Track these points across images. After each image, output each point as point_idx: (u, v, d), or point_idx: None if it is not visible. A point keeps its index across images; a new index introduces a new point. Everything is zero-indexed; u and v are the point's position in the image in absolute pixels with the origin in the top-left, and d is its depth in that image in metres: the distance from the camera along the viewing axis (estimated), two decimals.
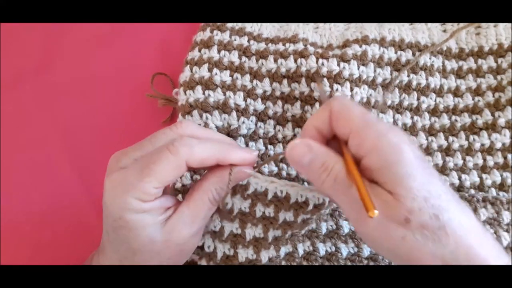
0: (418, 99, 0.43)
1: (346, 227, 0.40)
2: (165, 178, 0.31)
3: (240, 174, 0.34)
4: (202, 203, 0.34)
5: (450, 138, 0.43)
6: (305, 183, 0.42)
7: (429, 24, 0.46)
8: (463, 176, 0.41)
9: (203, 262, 0.39)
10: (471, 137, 0.42)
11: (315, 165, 0.30)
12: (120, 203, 0.31)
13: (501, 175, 0.41)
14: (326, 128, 0.31)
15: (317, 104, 0.42)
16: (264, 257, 0.38)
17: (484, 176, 0.41)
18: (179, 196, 0.41)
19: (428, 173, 0.29)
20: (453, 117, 0.43)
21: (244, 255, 0.38)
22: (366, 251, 0.39)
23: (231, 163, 0.34)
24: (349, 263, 0.39)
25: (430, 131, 0.43)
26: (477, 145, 0.42)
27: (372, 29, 0.45)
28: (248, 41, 0.45)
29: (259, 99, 0.44)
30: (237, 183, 0.36)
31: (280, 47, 0.44)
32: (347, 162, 0.29)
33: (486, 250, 0.28)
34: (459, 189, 0.41)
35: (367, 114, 0.30)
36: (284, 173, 0.42)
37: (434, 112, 0.43)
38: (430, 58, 0.44)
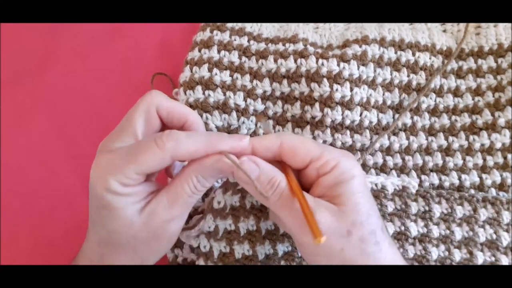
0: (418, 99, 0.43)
1: None
2: (148, 168, 0.32)
3: (221, 163, 0.33)
4: (181, 189, 0.34)
5: (450, 138, 0.43)
6: None
7: (429, 24, 0.46)
8: (463, 176, 0.41)
9: (201, 261, 0.39)
10: (471, 137, 0.42)
11: (262, 180, 0.32)
12: (102, 183, 0.32)
13: (501, 175, 0.41)
14: (269, 156, 0.33)
15: (317, 105, 0.42)
16: (261, 253, 0.38)
17: (484, 176, 0.41)
18: None
19: (372, 198, 0.33)
20: (453, 117, 0.43)
21: (240, 251, 0.38)
22: None
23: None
24: None
25: (430, 131, 0.43)
26: (477, 145, 0.42)
27: (372, 29, 0.45)
28: (248, 41, 0.45)
29: (259, 99, 0.44)
30: (222, 174, 0.35)
31: (280, 47, 0.44)
32: (293, 185, 0.32)
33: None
34: (459, 189, 0.41)
35: (318, 142, 0.34)
36: None
37: (434, 112, 0.43)
38: (430, 58, 0.44)
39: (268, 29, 0.47)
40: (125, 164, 0.32)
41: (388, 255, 0.31)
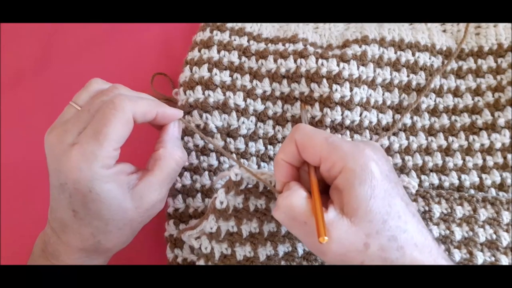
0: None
1: None
2: (120, 136, 0.33)
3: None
4: (170, 170, 0.36)
5: (450, 138, 0.43)
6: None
7: (429, 24, 0.46)
8: (463, 176, 0.41)
9: (201, 262, 0.39)
10: (471, 137, 0.42)
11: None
12: (87, 176, 0.31)
13: (501, 175, 0.41)
14: (296, 159, 0.32)
15: (317, 105, 0.42)
16: (262, 254, 0.38)
17: (483, 176, 0.41)
18: (179, 197, 0.41)
19: (390, 193, 0.29)
20: (453, 117, 0.43)
21: (242, 253, 0.38)
22: None
23: (167, 115, 0.37)
24: None
25: (430, 131, 0.43)
26: (476, 145, 0.42)
27: (371, 29, 0.45)
28: (248, 41, 0.45)
29: (259, 99, 0.44)
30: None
31: (280, 47, 0.44)
32: (312, 187, 0.31)
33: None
34: (459, 189, 0.41)
35: (330, 137, 0.31)
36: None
37: (433, 112, 0.43)
38: (430, 58, 0.44)
39: (268, 29, 0.47)
40: (100, 145, 0.31)
41: (416, 256, 0.29)
